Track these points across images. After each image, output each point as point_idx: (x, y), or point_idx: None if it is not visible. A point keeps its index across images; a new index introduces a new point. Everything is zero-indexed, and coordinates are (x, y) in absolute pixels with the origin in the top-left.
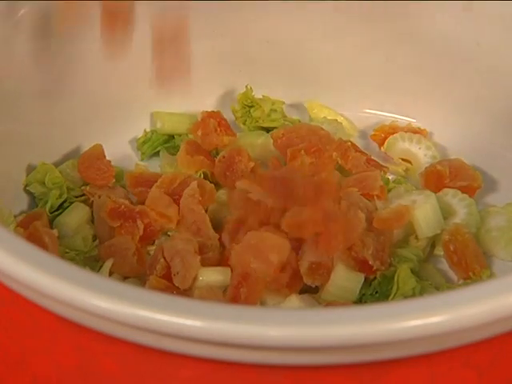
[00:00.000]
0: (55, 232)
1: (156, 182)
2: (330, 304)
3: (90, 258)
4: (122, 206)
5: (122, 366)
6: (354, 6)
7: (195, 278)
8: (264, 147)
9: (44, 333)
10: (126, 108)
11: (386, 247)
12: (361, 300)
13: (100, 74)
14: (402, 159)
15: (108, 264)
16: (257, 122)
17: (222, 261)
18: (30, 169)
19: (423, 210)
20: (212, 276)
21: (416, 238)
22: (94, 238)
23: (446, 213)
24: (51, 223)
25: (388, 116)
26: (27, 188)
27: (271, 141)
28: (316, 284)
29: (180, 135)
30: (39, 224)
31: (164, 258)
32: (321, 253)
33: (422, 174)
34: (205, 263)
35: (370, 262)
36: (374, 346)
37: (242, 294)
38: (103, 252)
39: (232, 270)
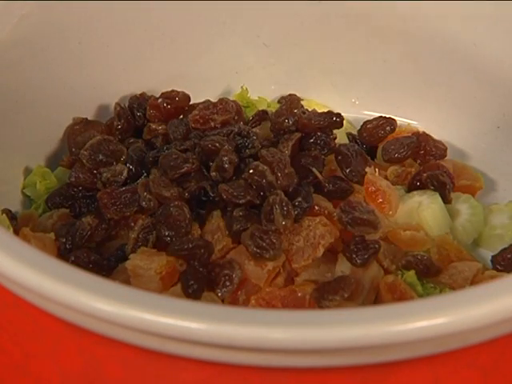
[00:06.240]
0: (51, 235)
1: None
2: None
3: None
4: None
5: (125, 369)
6: (351, 8)
7: None
8: None
9: (47, 336)
10: None
11: (397, 253)
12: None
13: (97, 79)
14: None
15: None
16: None
17: None
18: (28, 172)
19: (431, 211)
20: None
21: None
22: None
23: (450, 214)
24: None
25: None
26: (23, 191)
27: None
28: None
29: None
30: (27, 230)
31: None
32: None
33: None
34: None
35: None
36: (378, 348)
37: (240, 298)
38: None
39: None
